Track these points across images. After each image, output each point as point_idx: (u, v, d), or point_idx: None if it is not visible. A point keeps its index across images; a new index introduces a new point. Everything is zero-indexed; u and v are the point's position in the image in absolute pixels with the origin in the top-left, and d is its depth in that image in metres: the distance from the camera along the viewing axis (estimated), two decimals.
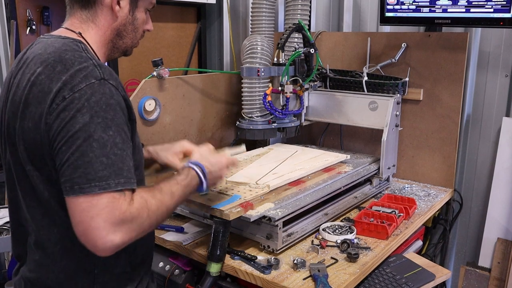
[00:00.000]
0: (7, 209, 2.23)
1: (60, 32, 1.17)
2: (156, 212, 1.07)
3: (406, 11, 2.02)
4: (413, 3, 1.99)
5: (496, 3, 1.81)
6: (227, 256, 1.50)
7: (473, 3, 1.86)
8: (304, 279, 1.39)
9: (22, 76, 1.08)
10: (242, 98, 2.17)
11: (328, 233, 1.64)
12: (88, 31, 1.17)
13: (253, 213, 1.48)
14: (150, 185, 1.16)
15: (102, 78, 1.03)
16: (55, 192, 1.06)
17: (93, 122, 0.98)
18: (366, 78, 2.12)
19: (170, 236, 1.67)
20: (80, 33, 1.15)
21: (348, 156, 2.07)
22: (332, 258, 1.51)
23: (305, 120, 2.25)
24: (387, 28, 2.31)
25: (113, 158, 0.98)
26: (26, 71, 1.08)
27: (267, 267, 1.43)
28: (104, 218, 0.95)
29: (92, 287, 1.15)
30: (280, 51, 2.06)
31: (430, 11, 1.96)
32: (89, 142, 0.97)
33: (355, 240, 1.60)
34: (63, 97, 0.99)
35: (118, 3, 1.18)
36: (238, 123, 2.20)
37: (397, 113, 2.02)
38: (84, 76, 1.01)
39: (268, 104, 2.04)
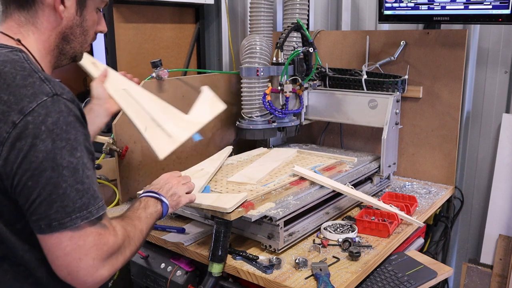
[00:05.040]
0: None
1: None
2: (134, 238, 1.05)
3: (405, 8, 2.02)
4: (412, 1, 1.99)
5: None
6: (229, 257, 1.50)
7: (471, 0, 1.86)
8: (306, 278, 1.39)
9: None
10: (242, 98, 2.17)
11: (330, 232, 1.64)
12: (29, 37, 1.01)
13: (254, 213, 1.48)
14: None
15: (54, 94, 0.89)
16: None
17: (57, 147, 0.86)
18: (365, 76, 2.12)
19: (171, 237, 1.67)
20: (19, 40, 0.99)
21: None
22: (334, 257, 1.51)
23: (305, 119, 2.25)
24: (385, 26, 2.30)
25: (87, 181, 0.91)
26: None
27: (269, 267, 1.42)
28: (93, 257, 0.91)
29: None
30: (279, 50, 2.06)
31: (429, 8, 1.96)
32: (59, 171, 0.86)
33: (357, 239, 1.60)
34: (13, 122, 0.85)
35: (63, 2, 1.02)
36: (238, 123, 2.20)
37: (397, 111, 2.01)
38: (32, 93, 0.87)
39: (267, 103, 2.04)
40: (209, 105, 1.59)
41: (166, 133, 1.41)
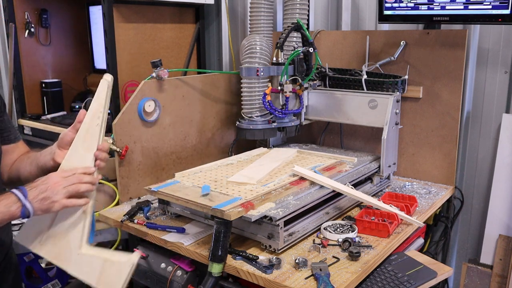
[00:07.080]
0: None
1: None
2: None
3: (405, 9, 2.02)
4: (412, 1, 1.99)
5: None
6: (229, 256, 1.50)
7: (471, 0, 1.86)
8: (306, 278, 1.39)
9: None
10: (242, 98, 2.17)
11: (330, 232, 1.64)
12: None
13: (254, 213, 1.48)
14: None
15: None
16: None
17: None
18: (365, 76, 2.12)
19: (171, 237, 1.67)
20: None
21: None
22: (333, 257, 1.51)
23: (305, 119, 2.25)
24: (385, 26, 2.30)
25: None
26: None
27: (269, 267, 1.42)
28: None
29: None
30: (279, 50, 2.06)
31: (429, 8, 1.96)
32: None
33: (357, 239, 1.60)
34: None
35: None
36: (238, 123, 2.20)
37: (397, 111, 2.02)
38: None
39: (267, 103, 2.04)
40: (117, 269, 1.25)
41: None
